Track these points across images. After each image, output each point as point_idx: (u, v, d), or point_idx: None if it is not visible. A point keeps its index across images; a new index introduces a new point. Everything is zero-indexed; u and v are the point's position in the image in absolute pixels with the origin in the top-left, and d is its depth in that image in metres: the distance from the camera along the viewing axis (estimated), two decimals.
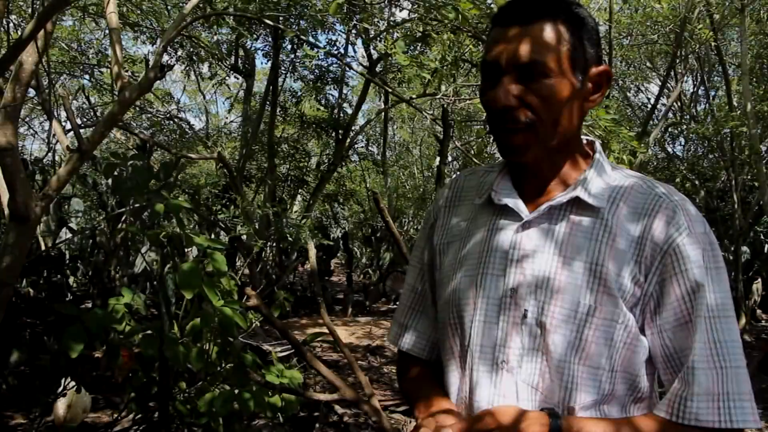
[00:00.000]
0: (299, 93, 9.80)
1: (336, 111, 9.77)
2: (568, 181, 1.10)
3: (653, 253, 1.01)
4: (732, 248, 9.10)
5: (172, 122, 10.58)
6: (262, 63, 21.35)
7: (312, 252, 10.41)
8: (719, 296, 1.00)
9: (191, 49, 8.23)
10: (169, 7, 7.36)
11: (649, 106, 12.00)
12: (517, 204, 1.09)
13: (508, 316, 1.05)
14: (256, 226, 7.89)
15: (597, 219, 1.05)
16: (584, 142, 1.16)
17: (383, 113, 11.28)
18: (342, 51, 8.80)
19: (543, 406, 1.03)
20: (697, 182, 11.46)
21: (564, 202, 1.07)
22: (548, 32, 1.02)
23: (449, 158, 12.09)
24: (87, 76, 8.82)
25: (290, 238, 8.25)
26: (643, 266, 1.02)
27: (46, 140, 10.27)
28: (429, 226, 1.26)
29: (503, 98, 1.02)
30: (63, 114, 9.07)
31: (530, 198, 1.11)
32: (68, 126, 7.74)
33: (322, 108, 9.63)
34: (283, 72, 9.30)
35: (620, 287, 1.01)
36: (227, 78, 10.23)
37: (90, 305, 6.56)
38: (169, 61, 7.78)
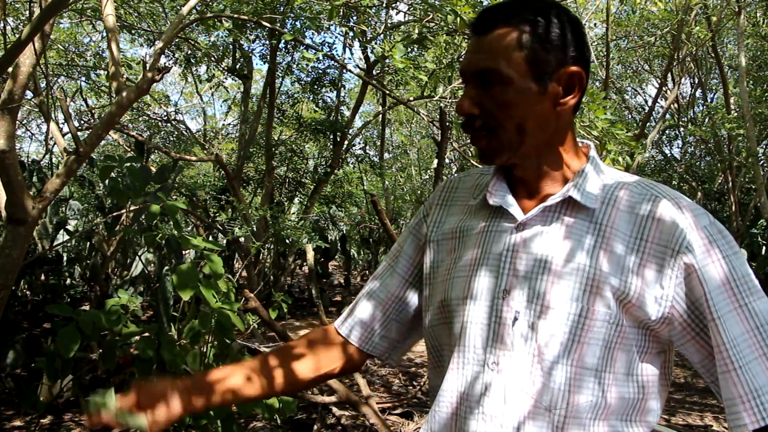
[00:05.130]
0: (296, 95, 9.80)
1: (333, 113, 9.77)
2: (561, 183, 1.10)
3: (659, 255, 1.01)
4: None
5: (169, 124, 10.57)
6: (257, 64, 21.36)
7: (310, 254, 10.42)
8: (746, 280, 1.00)
9: (188, 52, 8.23)
10: (166, 10, 7.36)
11: (647, 108, 12.03)
12: (512, 206, 1.10)
13: (500, 317, 1.05)
14: (254, 228, 7.89)
15: (590, 220, 1.06)
16: (580, 144, 1.16)
17: (381, 115, 11.29)
18: (339, 53, 8.81)
19: (533, 408, 1.02)
20: (694, 184, 11.49)
21: (557, 203, 1.07)
22: (503, 39, 1.04)
23: (447, 160, 12.10)
24: (84, 79, 8.82)
25: (288, 241, 8.25)
26: (644, 268, 1.01)
27: (44, 142, 10.25)
28: (417, 222, 1.27)
29: (465, 106, 1.06)
30: (60, 116, 9.06)
31: (525, 200, 1.12)
32: (66, 128, 7.74)
33: (319, 110, 9.63)
34: (280, 75, 9.30)
35: (613, 288, 1.01)
36: (224, 80, 10.23)
37: (87, 308, 6.55)
38: (166, 63, 7.77)
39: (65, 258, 7.00)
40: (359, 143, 11.64)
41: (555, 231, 1.06)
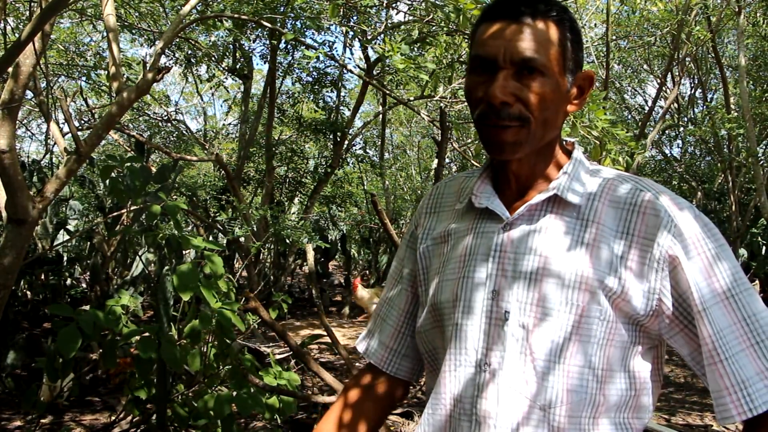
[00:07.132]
0: (296, 95, 9.80)
1: (334, 113, 9.77)
2: (549, 179, 1.11)
3: (645, 248, 1.01)
4: None
5: (169, 124, 10.57)
6: (258, 64, 21.36)
7: (310, 254, 10.42)
8: (732, 272, 1.00)
9: (189, 52, 8.23)
10: (166, 10, 7.36)
11: (647, 108, 12.03)
12: (498, 206, 1.10)
13: (490, 318, 1.05)
14: (254, 228, 7.89)
15: (577, 216, 1.06)
16: (564, 143, 1.17)
17: (381, 115, 11.28)
18: (339, 53, 8.81)
19: (527, 408, 1.02)
20: (694, 184, 11.50)
21: (543, 201, 1.07)
22: (546, 31, 1.03)
23: (447, 160, 12.10)
24: (84, 79, 8.82)
25: (288, 241, 8.24)
26: (632, 263, 1.02)
27: (44, 142, 10.26)
28: (409, 235, 1.27)
29: (500, 94, 1.01)
30: (60, 116, 9.06)
31: (511, 200, 1.12)
32: (66, 128, 7.74)
33: (319, 110, 9.63)
34: (281, 75, 9.30)
35: (602, 284, 1.01)
36: (225, 80, 10.23)
37: (87, 308, 6.55)
38: (166, 63, 7.77)
39: (65, 258, 7.00)
40: (359, 143, 11.64)
41: (542, 229, 1.06)
